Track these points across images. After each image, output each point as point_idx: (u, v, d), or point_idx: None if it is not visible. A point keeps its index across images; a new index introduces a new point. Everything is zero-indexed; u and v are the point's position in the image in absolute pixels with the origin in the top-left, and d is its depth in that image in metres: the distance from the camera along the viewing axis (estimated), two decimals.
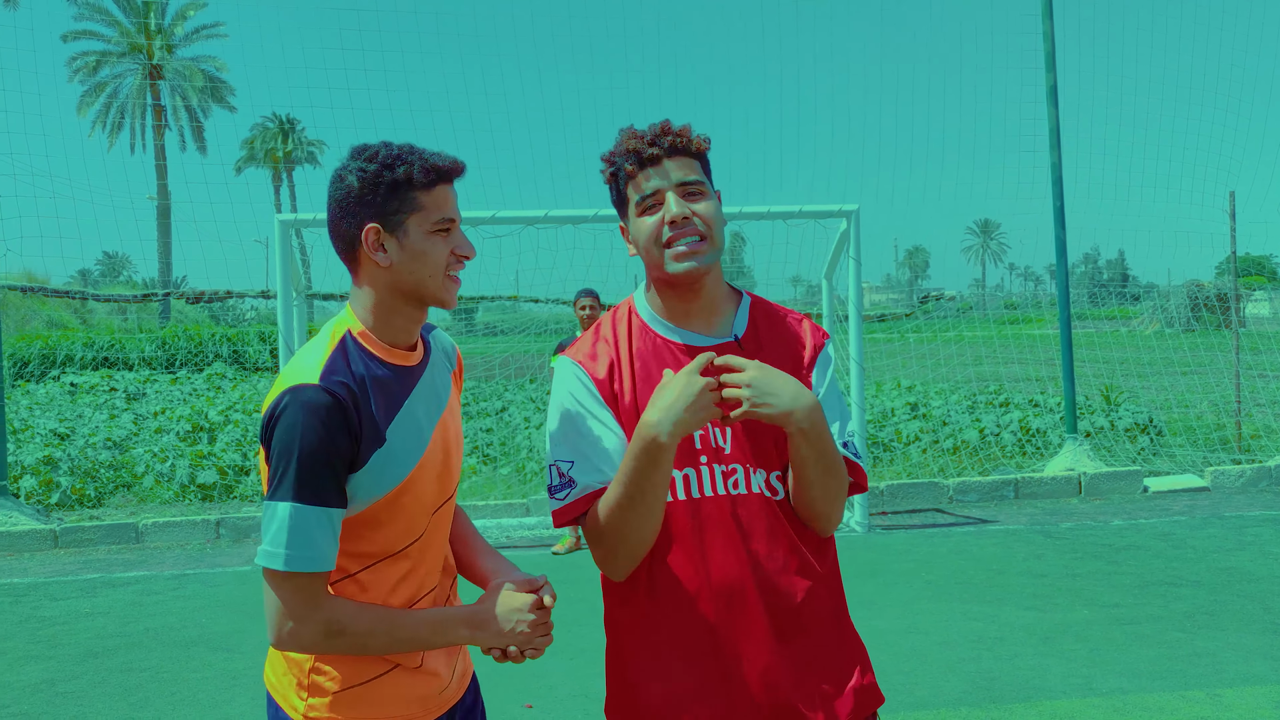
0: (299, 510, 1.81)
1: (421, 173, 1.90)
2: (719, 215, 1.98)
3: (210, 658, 5.87)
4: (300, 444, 1.80)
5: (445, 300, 1.96)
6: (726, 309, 2.07)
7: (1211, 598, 6.53)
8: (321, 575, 1.85)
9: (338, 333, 1.96)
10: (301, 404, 1.82)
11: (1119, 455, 11.83)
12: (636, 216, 1.98)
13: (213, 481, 11.13)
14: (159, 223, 35.16)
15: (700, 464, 1.99)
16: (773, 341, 2.07)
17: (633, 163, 1.97)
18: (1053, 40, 11.17)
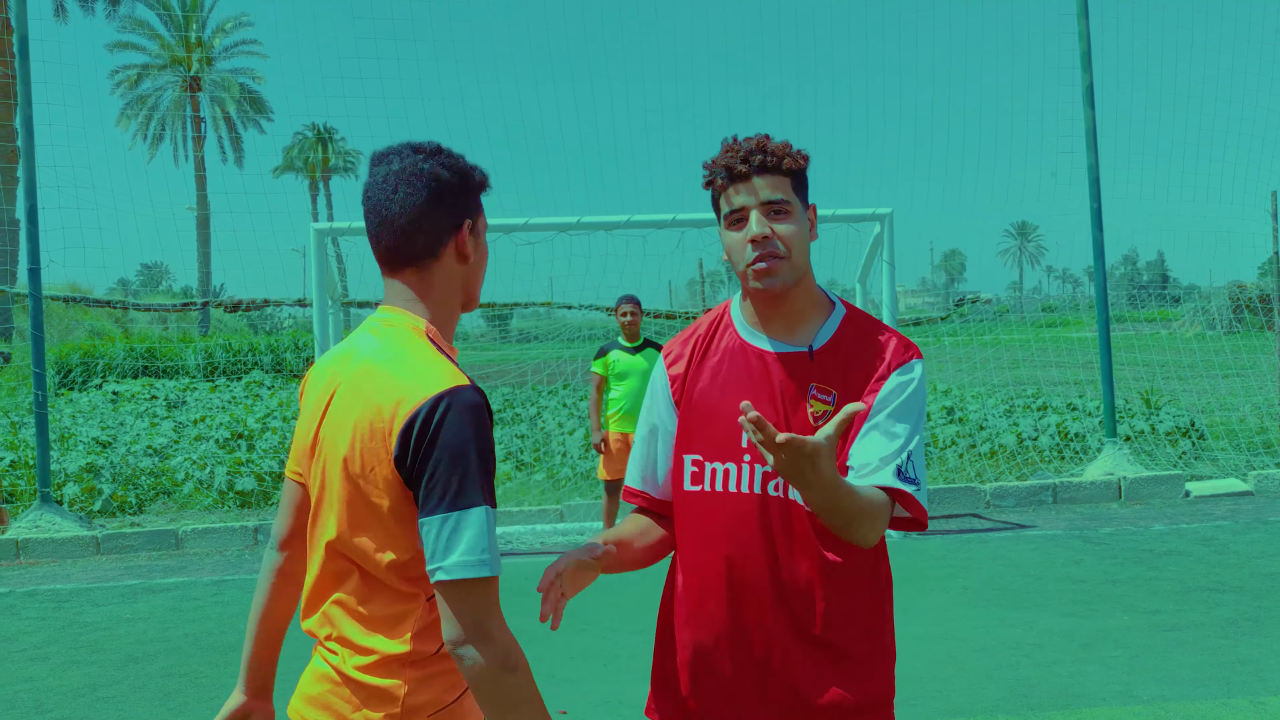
0: (490, 513, 1.77)
1: (484, 177, 2.00)
2: (802, 234, 2.04)
3: None
4: (476, 445, 1.76)
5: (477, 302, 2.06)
6: (814, 318, 2.11)
7: (1255, 604, 6.42)
8: (496, 579, 1.78)
9: (418, 335, 1.90)
10: (466, 406, 1.76)
11: (1159, 459, 11.67)
12: (725, 228, 2.07)
13: (251, 489, 11.25)
14: (198, 232, 35.64)
15: (743, 461, 2.05)
16: (853, 356, 2.08)
17: (724, 177, 2.05)
18: (1088, 40, 11.06)
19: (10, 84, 11.72)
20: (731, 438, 2.06)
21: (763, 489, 2.04)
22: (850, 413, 1.74)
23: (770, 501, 2.04)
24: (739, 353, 2.11)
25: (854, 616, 2.04)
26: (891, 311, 9.15)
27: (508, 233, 9.03)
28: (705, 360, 2.14)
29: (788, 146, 2.05)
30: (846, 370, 2.06)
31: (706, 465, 2.08)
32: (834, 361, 2.07)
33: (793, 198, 2.04)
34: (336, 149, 62.73)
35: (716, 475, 2.07)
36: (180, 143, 48.42)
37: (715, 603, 2.07)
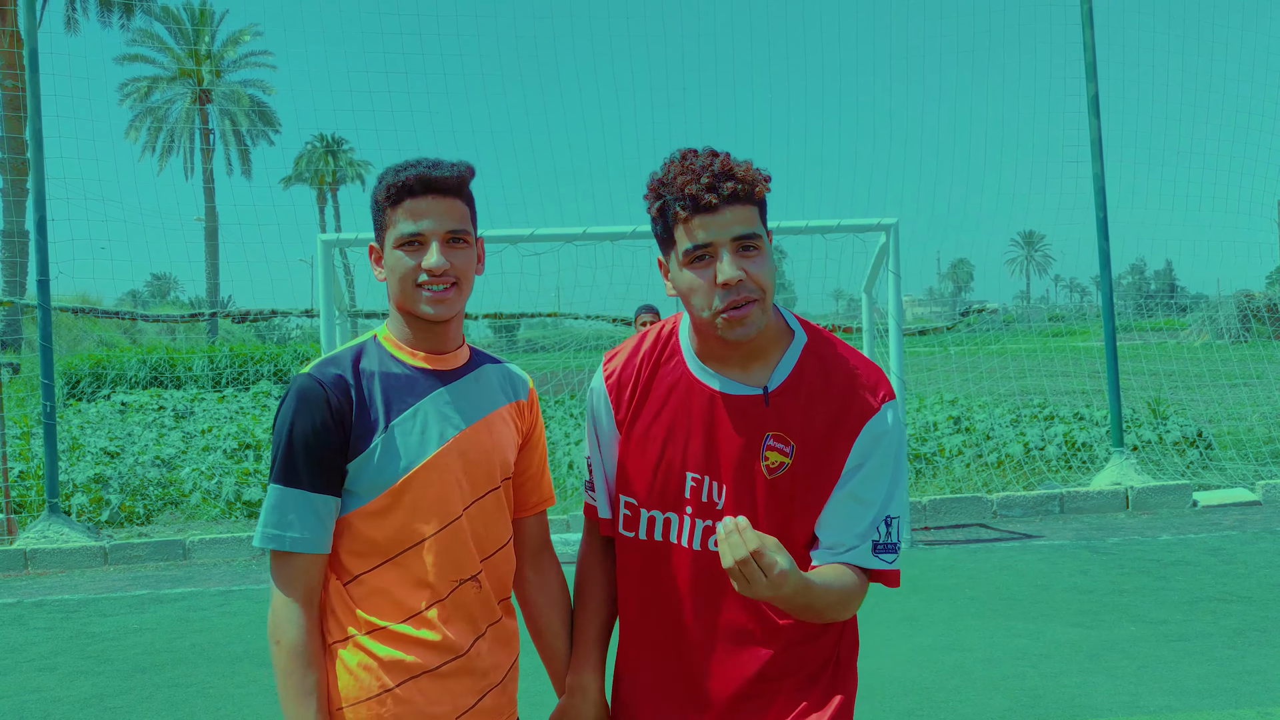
0: (277, 491, 1.94)
1: (386, 190, 1.98)
2: (772, 270, 1.81)
3: (256, 673, 5.94)
4: (284, 429, 1.93)
5: (422, 314, 1.99)
6: (772, 353, 1.88)
7: (1263, 614, 6.40)
8: (301, 559, 1.93)
9: (363, 337, 2.09)
10: (293, 392, 1.95)
11: (1167, 469, 11.64)
12: (683, 265, 1.80)
13: (258, 499, 11.27)
14: (207, 244, 35.77)
15: (685, 513, 1.89)
16: (815, 397, 1.85)
17: (685, 206, 1.77)
18: (1093, 50, 11.07)
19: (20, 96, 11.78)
20: (672, 486, 1.89)
21: (703, 544, 1.88)
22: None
23: (711, 558, 1.87)
24: (685, 390, 1.89)
25: (805, 665, 1.91)
26: (898, 322, 9.16)
27: (514, 243, 9.06)
28: (649, 392, 1.93)
29: (753, 169, 1.80)
30: (808, 414, 1.84)
31: (643, 512, 1.92)
32: (793, 404, 1.85)
33: (761, 229, 1.80)
34: (345, 159, 62.94)
35: (655, 524, 1.91)
36: (189, 154, 48.63)
37: (652, 650, 1.97)
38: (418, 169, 1.96)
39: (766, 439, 1.84)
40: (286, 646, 1.92)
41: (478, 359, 2.15)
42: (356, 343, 2.07)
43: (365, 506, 1.95)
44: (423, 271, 1.95)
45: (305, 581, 1.94)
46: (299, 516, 1.91)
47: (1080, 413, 14.80)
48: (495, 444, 2.08)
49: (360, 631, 1.96)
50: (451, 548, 1.99)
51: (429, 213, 1.95)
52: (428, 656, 1.96)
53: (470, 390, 2.08)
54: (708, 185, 1.75)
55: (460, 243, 1.99)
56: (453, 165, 1.99)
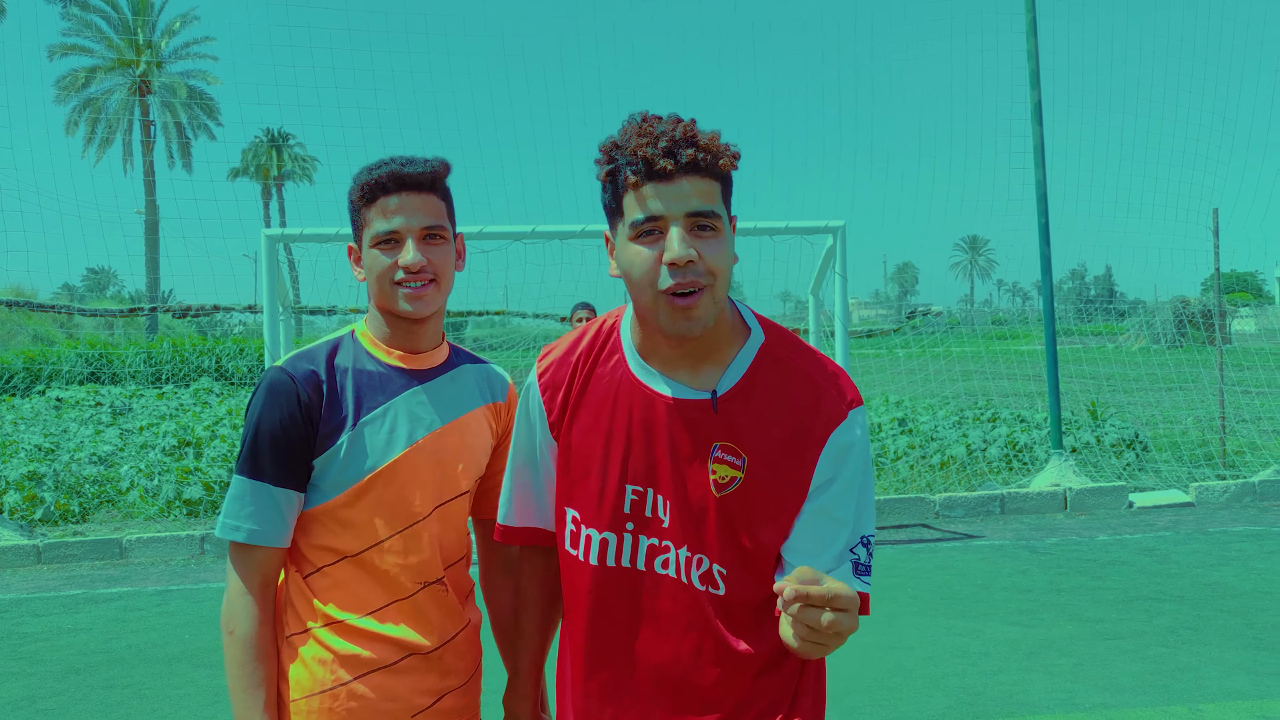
0: (239, 483, 1.93)
1: (360, 190, 1.98)
2: (729, 257, 1.59)
3: (194, 674, 5.84)
4: (254, 421, 1.93)
5: (401, 311, 1.98)
6: (725, 352, 1.67)
7: (1195, 613, 6.55)
8: (258, 551, 1.93)
9: (341, 331, 2.08)
10: (264, 385, 1.95)
11: (1105, 471, 11.88)
12: (630, 239, 1.58)
13: (198, 497, 11.08)
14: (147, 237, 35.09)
15: (624, 530, 1.69)
16: (770, 403, 1.65)
17: (638, 171, 1.55)
18: (1037, 59, 11.26)
19: None
20: (609, 500, 1.69)
21: (648, 565, 1.69)
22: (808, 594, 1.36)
23: (661, 583, 1.68)
24: (626, 393, 1.69)
25: (765, 694, 1.73)
26: (844, 324, 9.24)
27: None
28: (586, 393, 1.72)
29: (720, 140, 1.58)
30: (762, 422, 1.64)
31: (583, 530, 1.72)
32: (745, 411, 1.65)
33: (721, 209, 1.58)
34: (291, 154, 62.10)
35: (592, 544, 1.71)
36: (128, 146, 47.67)
37: (597, 682, 1.77)
38: (390, 166, 1.94)
39: (714, 450, 1.64)
40: (239, 637, 1.92)
41: (457, 359, 2.14)
42: (334, 337, 2.06)
43: (330, 503, 1.94)
44: (399, 269, 1.94)
45: (262, 574, 1.93)
46: (259, 509, 1.91)
47: (1022, 415, 15.05)
48: (467, 446, 2.06)
49: (319, 624, 1.95)
50: (414, 549, 1.98)
51: (403, 210, 1.93)
52: (384, 652, 1.95)
53: (445, 391, 2.06)
54: (665, 150, 1.54)
55: (437, 239, 1.97)
56: (426, 161, 1.97)
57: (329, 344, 2.03)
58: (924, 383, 18.42)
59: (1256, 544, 8.60)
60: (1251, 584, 7.25)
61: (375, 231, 1.95)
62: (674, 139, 1.55)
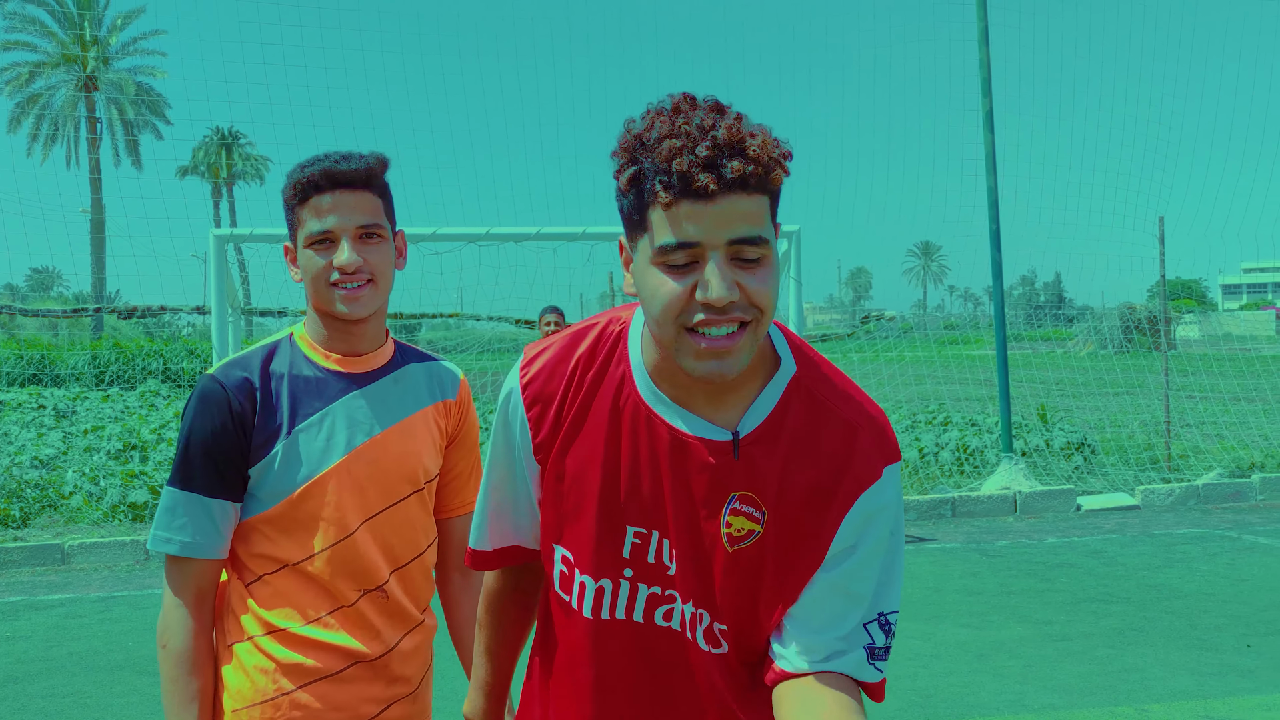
0: (171, 494, 1.89)
1: (292, 188, 1.92)
2: (776, 286, 1.30)
3: (136, 682, 5.72)
4: (185, 432, 1.89)
5: (338, 313, 1.93)
6: (750, 384, 1.41)
7: (1140, 614, 6.65)
8: (192, 564, 1.88)
9: (279, 335, 2.03)
10: (195, 394, 1.90)
11: (1054, 474, 12.04)
12: (653, 262, 1.28)
13: (144, 501, 10.88)
14: (93, 237, 34.45)
15: (623, 576, 1.46)
16: (796, 451, 1.40)
17: (672, 188, 1.23)
18: (989, 67, 11.40)
19: None
20: (607, 542, 1.46)
21: (647, 618, 1.46)
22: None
23: (658, 635, 1.47)
24: (632, 419, 1.43)
25: None
26: (799, 328, 9.28)
27: (415, 242, 8.92)
28: (584, 414, 1.45)
29: (772, 143, 1.26)
30: (787, 471, 1.40)
31: (576, 575, 1.48)
32: (770, 457, 1.40)
33: (769, 228, 1.28)
34: (242, 153, 61.34)
35: (586, 592, 1.47)
36: (74, 144, 46.81)
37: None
38: (323, 163, 1.88)
39: (732, 500, 1.40)
40: (173, 651, 1.88)
41: (403, 358, 2.07)
42: (270, 341, 2.01)
43: (266, 512, 1.90)
44: (335, 270, 1.88)
45: (196, 586, 1.89)
46: (192, 521, 1.87)
47: (973, 419, 15.22)
48: (411, 450, 2.01)
49: (260, 633, 1.91)
50: (353, 557, 1.93)
51: (337, 209, 1.88)
52: (328, 661, 1.92)
53: (387, 393, 2.00)
54: (706, 161, 1.22)
55: (374, 237, 1.91)
56: (361, 157, 1.91)
57: (265, 349, 1.98)
58: (877, 387, 18.57)
59: (1200, 546, 8.76)
60: (1195, 585, 7.37)
61: (309, 231, 1.89)
62: (717, 145, 1.23)
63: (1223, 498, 10.92)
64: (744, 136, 1.24)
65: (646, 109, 1.30)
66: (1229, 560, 8.16)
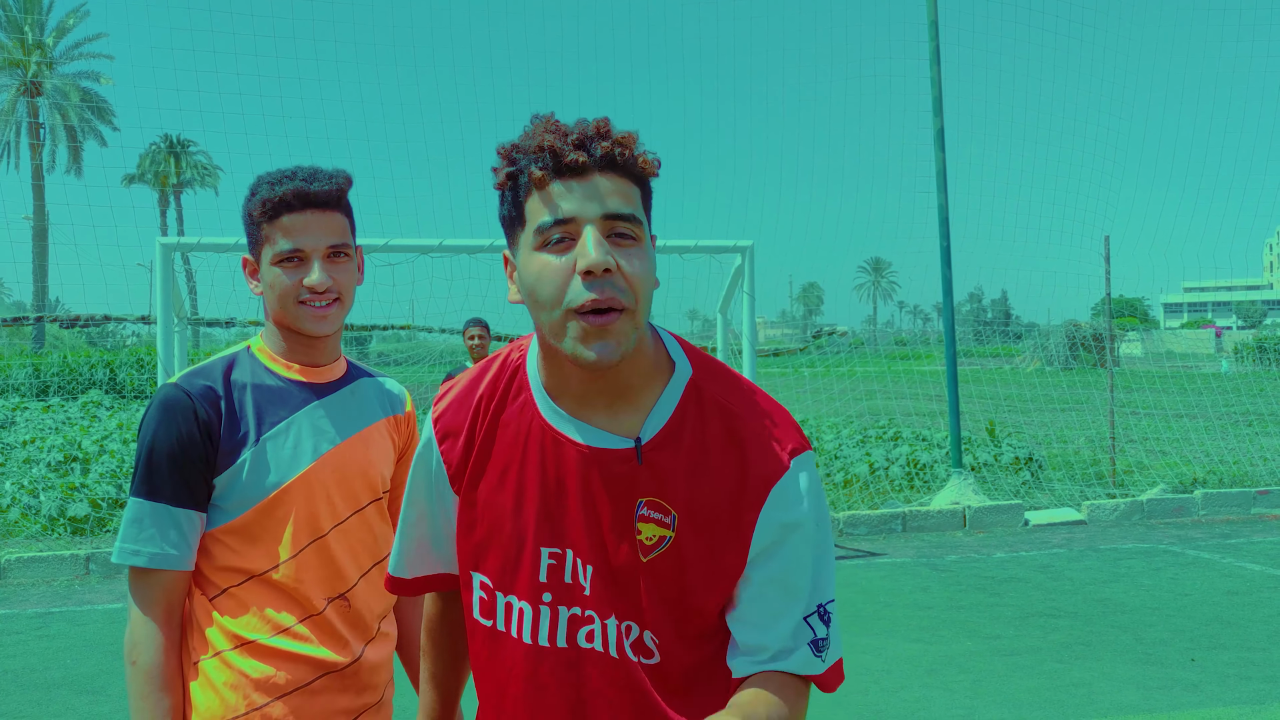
0: (137, 505, 1.87)
1: (261, 206, 1.90)
2: (651, 275, 1.35)
3: (74, 701, 5.56)
4: (148, 441, 1.86)
5: (305, 330, 1.94)
6: (647, 390, 1.42)
7: (1087, 628, 6.73)
8: (161, 576, 1.85)
9: (236, 347, 2.03)
10: (157, 402, 1.88)
11: (1002, 489, 12.17)
12: (534, 249, 1.32)
13: (85, 514, 10.63)
14: (35, 244, 33.72)
15: (541, 601, 1.44)
16: (700, 451, 1.40)
17: (544, 166, 1.31)
18: (940, 86, 11.54)
19: None
20: (524, 567, 1.45)
21: (570, 641, 1.44)
22: None
23: (587, 659, 1.44)
24: (537, 440, 1.44)
25: None
26: (751, 342, 9.30)
27: (367, 253, 8.82)
28: (491, 441, 1.47)
29: (634, 138, 1.35)
30: (692, 473, 1.40)
31: (499, 597, 1.47)
32: (674, 461, 1.40)
33: (643, 216, 1.35)
34: (190, 161, 60.47)
35: (512, 612, 1.46)
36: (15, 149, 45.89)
37: None
38: (294, 182, 1.88)
39: (640, 507, 1.39)
40: (142, 668, 1.84)
41: (354, 372, 2.10)
42: (228, 353, 2.00)
43: (232, 522, 1.89)
44: (304, 289, 1.89)
45: (165, 600, 1.86)
46: (160, 531, 1.85)
47: (923, 434, 15.36)
48: (370, 460, 2.04)
49: (228, 647, 1.88)
50: (321, 564, 1.94)
51: (309, 229, 1.88)
52: (299, 673, 1.90)
53: (346, 404, 2.03)
54: (575, 142, 1.31)
55: (341, 256, 1.93)
56: (330, 177, 1.92)
57: (224, 360, 1.97)
58: (828, 402, 18.69)
59: (1145, 560, 8.89)
60: (1140, 600, 7.48)
61: (279, 250, 1.89)
62: (588, 133, 1.32)
63: (1166, 513, 11.11)
64: (610, 129, 1.33)
65: (523, 128, 1.39)
66: (1173, 575, 8.30)
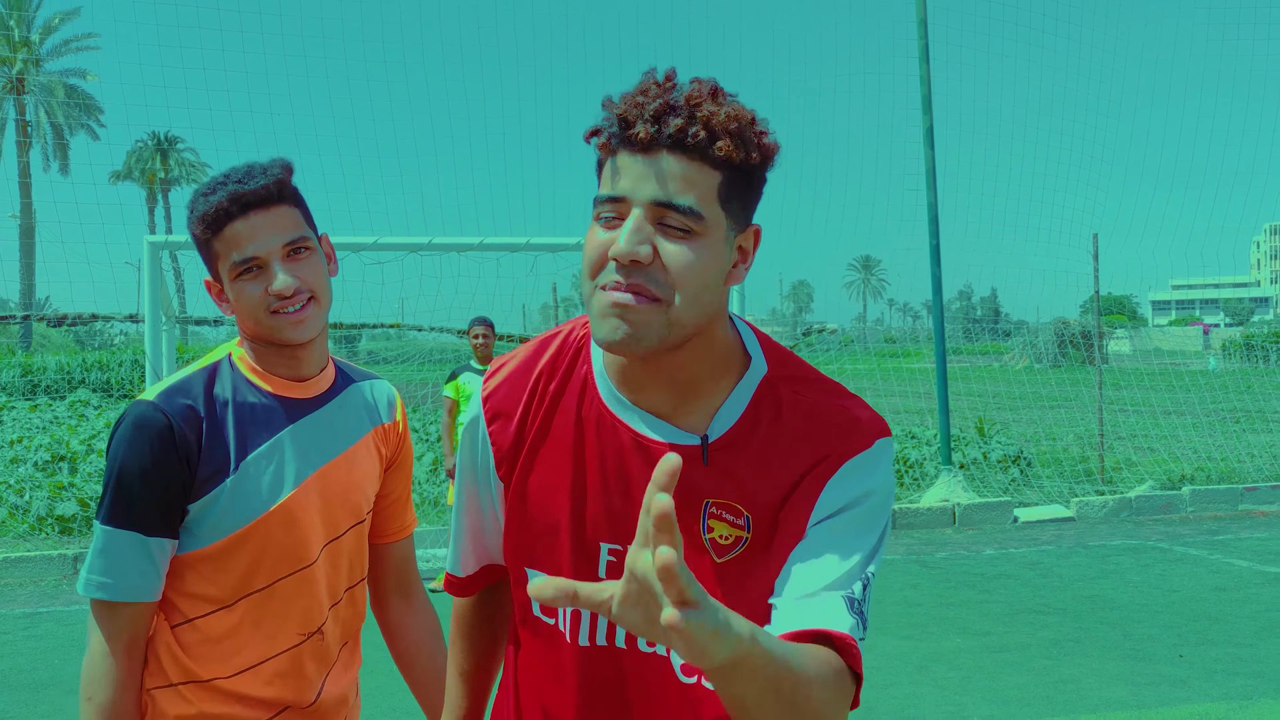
0: (106, 533, 1.73)
1: (201, 223, 1.75)
2: (710, 270, 1.22)
3: (63, 701, 5.54)
4: (120, 463, 1.72)
5: (286, 340, 1.78)
6: (718, 385, 1.32)
7: (1076, 625, 6.75)
8: (127, 608, 1.73)
9: (218, 353, 1.87)
10: (131, 421, 1.74)
11: (991, 486, 12.21)
12: (594, 217, 1.23)
13: (73, 514, 10.59)
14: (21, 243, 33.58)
15: None
16: (772, 449, 1.31)
17: (613, 134, 1.20)
18: (929, 84, 11.56)
19: None
20: (582, 562, 1.36)
21: (629, 643, 1.35)
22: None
23: (641, 661, 1.35)
24: (595, 428, 1.34)
25: None
26: None
27: (356, 251, 8.81)
28: (548, 426, 1.37)
29: (740, 117, 1.19)
30: (762, 475, 1.30)
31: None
32: (742, 461, 1.31)
33: (712, 206, 1.20)
34: (178, 158, 60.24)
35: (565, 616, 1.39)
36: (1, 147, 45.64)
37: None
38: (228, 188, 1.72)
39: (707, 507, 1.31)
40: (98, 705, 1.73)
41: (342, 380, 1.96)
42: (208, 363, 1.85)
43: (206, 549, 1.76)
44: (272, 297, 1.74)
45: (130, 632, 1.74)
46: (130, 561, 1.71)
47: (913, 432, 15.40)
48: (355, 481, 1.91)
49: (184, 680, 1.78)
50: (298, 596, 1.82)
51: (257, 233, 1.72)
52: (257, 711, 1.80)
53: (334, 420, 1.89)
54: (653, 114, 1.17)
55: (303, 251, 1.77)
56: (265, 170, 1.75)
57: (205, 372, 1.82)
58: None
59: (1133, 557, 8.93)
60: (1129, 596, 7.51)
61: (233, 263, 1.74)
62: (667, 102, 1.18)
63: (1154, 510, 11.15)
64: (703, 101, 1.18)
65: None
66: (1161, 571, 8.33)
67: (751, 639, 0.98)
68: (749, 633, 0.98)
